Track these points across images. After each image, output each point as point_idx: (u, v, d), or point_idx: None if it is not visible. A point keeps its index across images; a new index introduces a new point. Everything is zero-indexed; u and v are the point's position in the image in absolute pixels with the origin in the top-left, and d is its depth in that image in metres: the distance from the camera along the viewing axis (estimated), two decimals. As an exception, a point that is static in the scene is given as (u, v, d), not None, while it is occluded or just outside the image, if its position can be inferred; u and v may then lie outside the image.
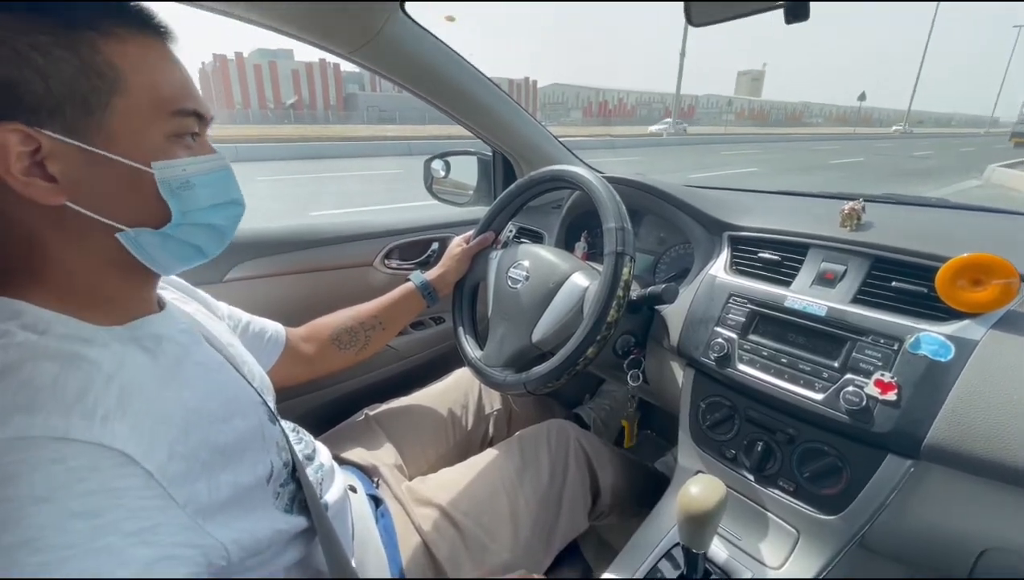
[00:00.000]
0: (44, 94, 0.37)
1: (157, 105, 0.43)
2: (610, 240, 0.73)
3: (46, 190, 0.39)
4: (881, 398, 0.59)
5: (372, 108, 48.68)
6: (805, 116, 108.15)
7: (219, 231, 0.50)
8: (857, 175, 12.17)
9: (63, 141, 0.39)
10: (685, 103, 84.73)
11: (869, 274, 0.69)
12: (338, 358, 0.88)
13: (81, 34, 0.39)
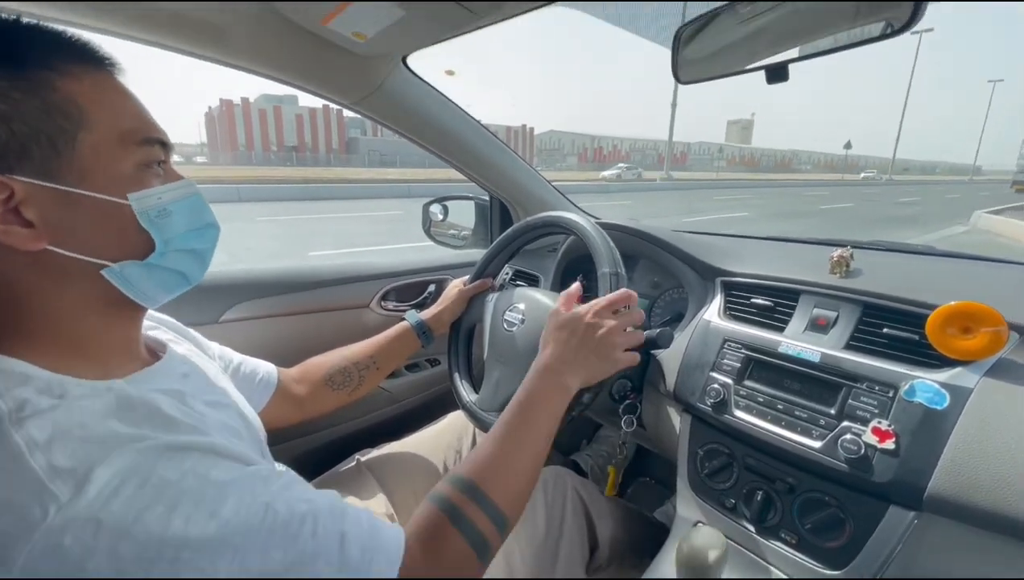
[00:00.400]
0: (8, 139, 0.38)
1: (123, 137, 0.43)
2: (604, 285, 0.74)
3: (25, 236, 0.39)
4: (879, 447, 0.59)
5: (373, 152, 49.96)
6: (794, 163, 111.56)
7: (200, 255, 0.51)
8: (847, 220, 12.44)
9: (35, 184, 0.39)
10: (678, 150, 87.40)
11: (860, 321, 0.69)
12: (330, 399, 0.87)
13: (37, 74, 0.39)
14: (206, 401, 0.51)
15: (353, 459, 0.95)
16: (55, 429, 0.35)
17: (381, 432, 1.12)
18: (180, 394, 0.48)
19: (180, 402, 0.46)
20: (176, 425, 0.41)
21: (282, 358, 0.85)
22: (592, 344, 0.65)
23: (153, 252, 0.46)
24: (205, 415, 0.48)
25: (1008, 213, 11.84)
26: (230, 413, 0.54)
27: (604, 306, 0.67)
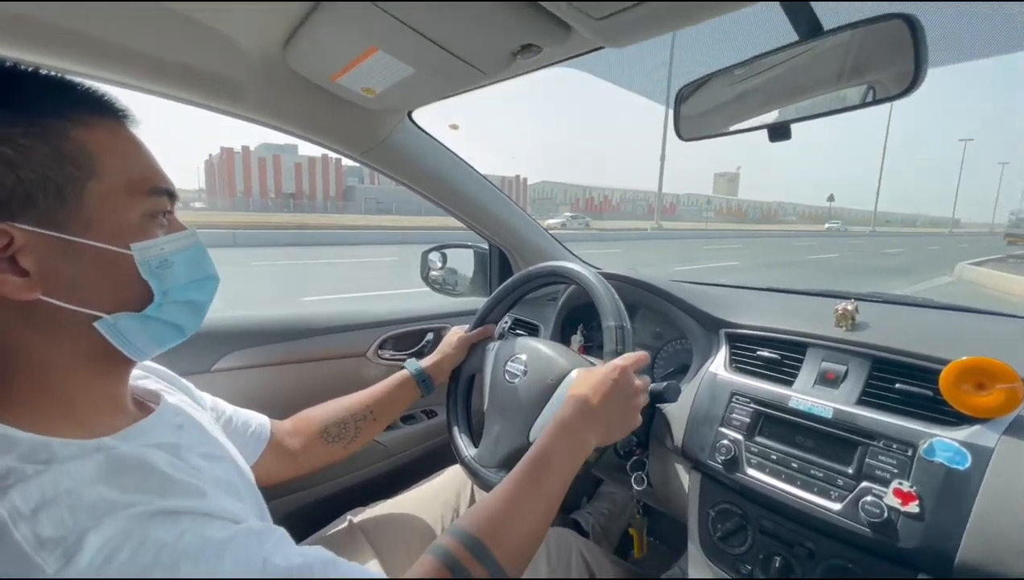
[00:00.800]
0: (14, 186, 0.37)
1: (132, 186, 0.43)
2: (610, 338, 0.73)
3: (19, 286, 0.38)
4: (903, 510, 0.56)
5: (370, 200, 50.88)
6: (780, 214, 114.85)
7: (198, 307, 0.50)
8: (835, 271, 12.67)
9: (37, 232, 0.38)
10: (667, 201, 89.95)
11: (871, 375, 0.68)
12: (325, 453, 0.83)
13: (51, 122, 0.39)
14: (201, 453, 0.49)
15: (344, 519, 0.90)
16: (41, 497, 0.33)
17: (374, 488, 1.07)
18: (175, 447, 0.46)
19: (175, 456, 0.44)
20: (171, 485, 0.39)
21: (276, 409, 0.82)
22: (615, 404, 0.65)
23: (151, 303, 0.45)
24: (201, 470, 0.46)
25: (989, 265, 12.16)
26: (226, 467, 0.52)
27: (630, 365, 0.67)
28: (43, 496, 0.33)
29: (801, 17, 0.52)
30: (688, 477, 0.82)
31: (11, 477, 0.34)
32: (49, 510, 0.33)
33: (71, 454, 0.37)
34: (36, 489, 0.33)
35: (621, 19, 0.52)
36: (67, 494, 0.34)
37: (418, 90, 0.77)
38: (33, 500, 0.33)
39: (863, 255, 18.29)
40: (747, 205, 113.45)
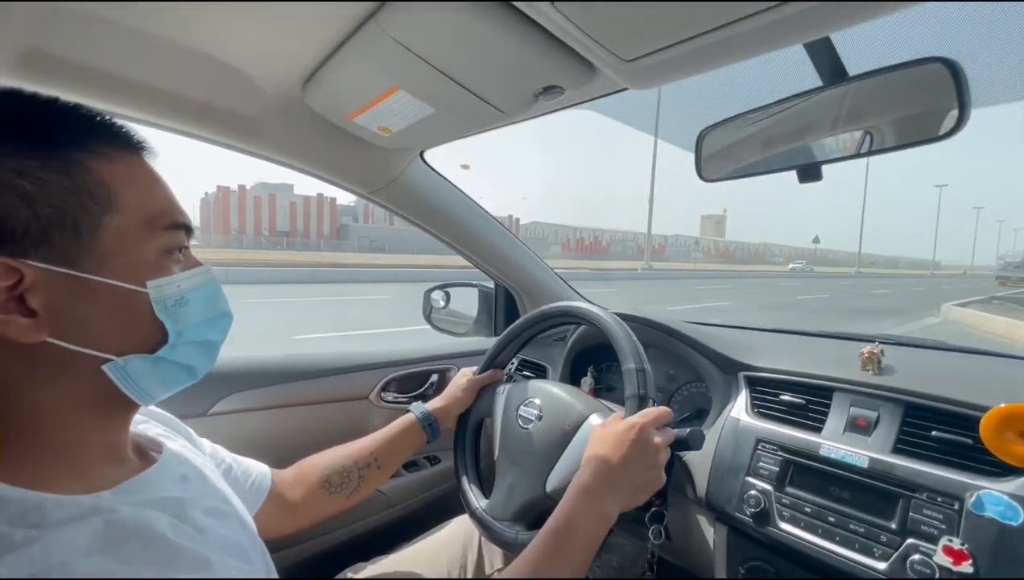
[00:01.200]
0: (29, 221, 0.35)
1: (150, 221, 0.41)
2: (631, 382, 0.70)
3: (25, 327, 0.35)
4: (956, 570, 0.53)
5: (363, 238, 51.24)
6: (767, 255, 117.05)
7: (212, 347, 0.48)
8: (828, 311, 12.80)
9: (50, 269, 0.36)
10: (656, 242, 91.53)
11: (904, 422, 0.66)
12: (326, 504, 0.78)
13: (70, 155, 0.37)
14: (207, 508, 0.46)
15: (345, 577, 0.83)
16: (31, 571, 0.30)
17: (374, 541, 1.00)
18: (179, 503, 0.42)
19: (179, 517, 0.40)
20: (173, 556, 0.35)
21: (276, 456, 0.78)
22: (636, 466, 0.61)
23: (164, 344, 0.42)
24: (206, 531, 0.42)
25: (974, 306, 12.40)
26: (232, 525, 0.48)
27: (649, 422, 0.63)
28: (32, 569, 0.30)
29: (824, 63, 0.52)
30: (712, 531, 0.77)
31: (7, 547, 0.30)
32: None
33: (65, 516, 0.33)
34: (25, 561, 0.30)
35: (649, 61, 0.52)
36: (60, 567, 0.30)
37: (435, 130, 0.77)
38: (23, 572, 0.29)
39: (853, 296, 18.55)
40: (734, 246, 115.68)
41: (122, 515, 0.36)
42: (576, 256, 76.08)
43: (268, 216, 54.96)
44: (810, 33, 0.44)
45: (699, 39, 0.45)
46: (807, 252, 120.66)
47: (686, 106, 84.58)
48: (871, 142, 0.54)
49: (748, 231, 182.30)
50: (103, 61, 0.62)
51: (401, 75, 0.62)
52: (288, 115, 0.77)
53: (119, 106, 0.69)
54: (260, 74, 0.68)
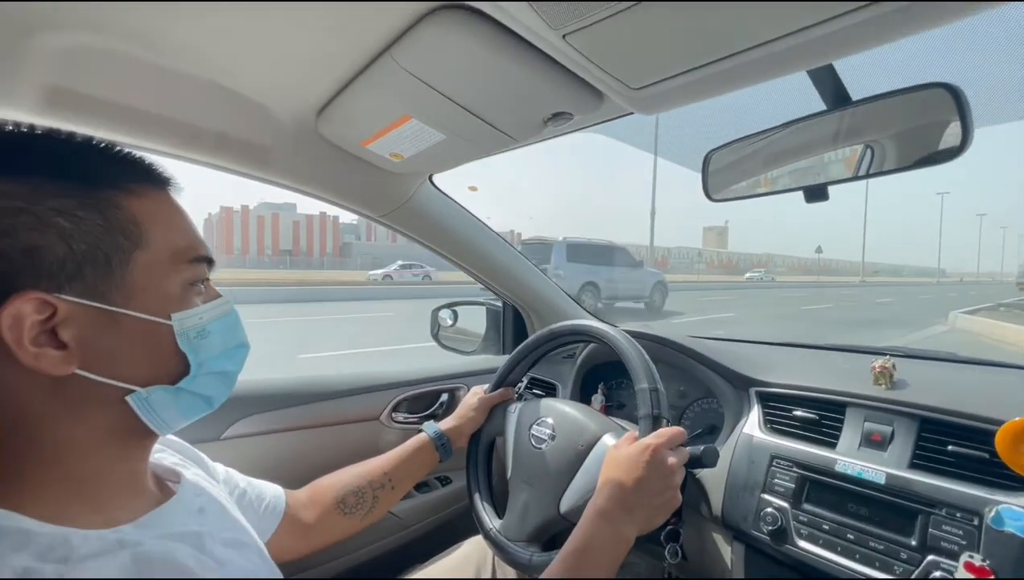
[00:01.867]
0: (65, 257, 0.36)
1: (175, 255, 0.43)
2: (644, 402, 0.70)
3: (56, 360, 0.36)
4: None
5: (366, 256, 51.48)
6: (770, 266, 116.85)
7: (229, 377, 0.49)
8: (833, 322, 12.72)
9: (81, 304, 0.37)
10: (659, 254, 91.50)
11: (920, 437, 0.66)
12: (340, 526, 0.78)
13: (104, 193, 0.39)
14: (225, 540, 0.46)
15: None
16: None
17: (387, 563, 1.00)
18: (198, 537, 0.43)
19: (199, 550, 0.41)
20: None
21: (289, 477, 0.78)
22: (651, 489, 0.61)
23: (186, 375, 0.43)
24: (226, 563, 0.43)
25: (982, 313, 12.31)
26: (250, 555, 0.49)
27: (663, 443, 0.63)
28: None
29: (828, 88, 0.54)
30: (729, 549, 0.77)
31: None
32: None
33: (92, 551, 0.34)
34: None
35: (656, 89, 0.53)
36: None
37: (445, 155, 0.79)
38: None
39: (857, 306, 18.46)
40: (737, 257, 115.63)
41: (148, 548, 0.36)
42: (578, 270, 75.84)
43: (271, 235, 55.33)
44: (814, 61, 0.46)
45: (706, 68, 0.47)
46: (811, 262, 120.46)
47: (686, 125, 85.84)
48: (877, 164, 0.55)
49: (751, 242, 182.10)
50: (123, 96, 0.64)
51: (413, 105, 0.64)
52: (302, 143, 0.79)
53: (137, 138, 0.71)
54: (275, 105, 0.70)
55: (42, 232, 0.36)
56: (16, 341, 0.35)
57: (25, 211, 0.35)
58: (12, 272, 0.35)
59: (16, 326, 0.35)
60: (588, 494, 0.74)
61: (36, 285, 0.36)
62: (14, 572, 0.31)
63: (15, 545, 0.32)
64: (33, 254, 0.35)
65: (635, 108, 0.59)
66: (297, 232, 57.46)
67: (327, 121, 0.73)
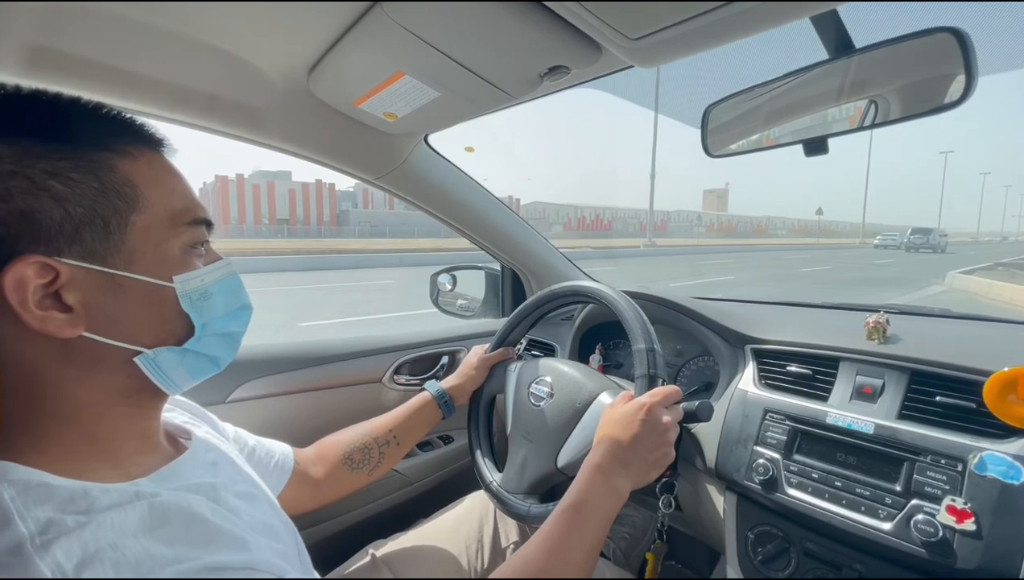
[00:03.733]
0: (62, 221, 0.36)
1: (173, 217, 0.42)
2: (641, 362, 0.71)
3: (63, 322, 0.37)
4: (959, 528, 0.55)
5: (364, 224, 51.01)
6: (770, 228, 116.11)
7: (234, 338, 0.49)
8: (833, 282, 12.76)
9: (82, 267, 0.37)
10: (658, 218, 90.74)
11: (909, 389, 0.67)
12: (348, 480, 0.81)
13: (97, 155, 0.38)
14: (237, 492, 0.48)
15: (366, 552, 0.86)
16: (84, 553, 0.31)
17: (393, 518, 1.04)
18: (212, 488, 0.45)
19: (213, 500, 0.42)
20: (215, 536, 0.37)
21: (294, 438, 0.80)
22: (646, 445, 0.63)
23: (191, 337, 0.44)
24: (239, 513, 0.44)
25: (979, 273, 12.35)
26: (262, 506, 0.51)
27: (658, 401, 0.65)
28: (85, 551, 0.32)
29: (831, 36, 0.52)
30: (722, 499, 0.80)
31: (52, 530, 0.32)
32: (93, 566, 0.31)
33: (111, 502, 0.35)
34: (78, 543, 0.32)
35: (655, 40, 0.52)
36: (110, 548, 0.32)
37: (441, 114, 0.77)
38: (76, 556, 0.31)
39: (856, 266, 18.47)
40: (737, 220, 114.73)
41: (165, 499, 0.37)
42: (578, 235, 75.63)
43: (267, 204, 54.63)
44: (818, 6, 0.45)
45: (706, 16, 0.46)
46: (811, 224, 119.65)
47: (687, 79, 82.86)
48: (878, 113, 0.54)
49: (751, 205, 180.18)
50: (108, 55, 0.62)
51: (406, 60, 0.62)
52: (293, 104, 0.78)
53: (124, 100, 0.70)
54: (265, 64, 0.68)
55: (36, 195, 0.36)
56: (21, 304, 0.35)
57: (17, 174, 0.35)
58: (10, 236, 0.35)
59: (20, 289, 0.35)
60: (584, 450, 0.77)
61: (36, 249, 0.36)
62: (38, 523, 0.32)
63: (38, 498, 0.33)
64: (29, 218, 0.35)
65: (633, 60, 0.57)
66: (293, 200, 56.69)
67: (319, 80, 0.72)
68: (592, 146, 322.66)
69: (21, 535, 0.31)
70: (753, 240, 65.07)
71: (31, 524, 0.32)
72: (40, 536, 0.31)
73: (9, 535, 0.31)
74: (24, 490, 0.34)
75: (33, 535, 0.31)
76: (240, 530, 0.40)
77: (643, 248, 29.53)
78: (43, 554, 0.31)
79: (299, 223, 53.91)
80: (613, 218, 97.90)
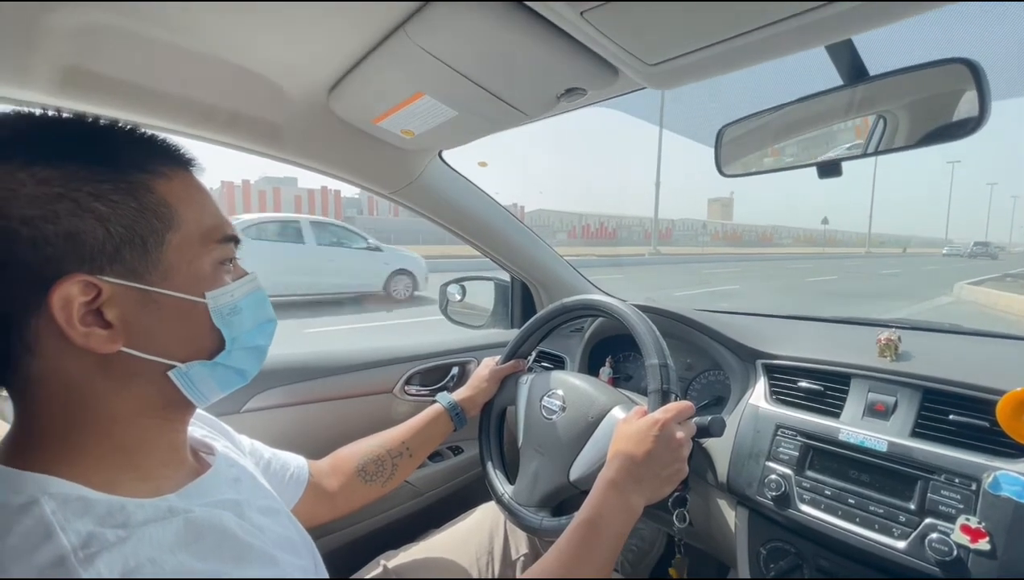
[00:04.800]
0: (104, 240, 0.38)
1: (205, 235, 0.44)
2: (654, 377, 0.72)
3: (104, 338, 0.38)
4: (973, 547, 0.55)
5: (369, 230, 51.26)
6: (775, 237, 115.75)
7: (261, 351, 0.51)
8: (838, 293, 12.70)
9: (123, 285, 0.39)
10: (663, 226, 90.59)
11: (922, 406, 0.68)
12: (362, 492, 0.81)
13: (135, 176, 0.40)
14: (259, 508, 0.49)
15: (378, 564, 0.87)
16: (125, 567, 0.32)
17: (403, 529, 1.04)
18: (237, 505, 0.46)
19: (239, 516, 0.43)
20: (245, 552, 0.38)
21: (307, 448, 0.81)
22: (660, 461, 0.63)
23: (222, 350, 0.45)
24: (264, 529, 0.46)
25: (988, 284, 12.26)
26: (283, 521, 0.52)
27: (671, 417, 0.65)
28: (126, 565, 0.32)
29: (845, 63, 0.54)
30: (734, 514, 0.80)
31: (93, 544, 0.33)
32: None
33: (148, 517, 0.36)
34: (119, 557, 0.33)
35: (672, 65, 0.53)
36: (150, 563, 0.33)
37: (457, 131, 0.79)
38: (118, 570, 0.32)
39: (862, 277, 18.38)
40: (742, 229, 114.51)
41: (198, 515, 0.39)
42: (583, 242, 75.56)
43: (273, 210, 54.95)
44: (833, 36, 0.46)
45: (723, 44, 0.47)
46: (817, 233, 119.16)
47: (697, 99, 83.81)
48: (891, 139, 0.55)
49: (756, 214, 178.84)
50: (137, 75, 0.64)
51: (426, 81, 0.64)
52: (313, 121, 0.79)
53: (151, 117, 0.72)
54: (287, 83, 0.70)
55: (81, 217, 0.37)
56: (67, 321, 0.37)
57: (64, 197, 0.37)
58: (57, 256, 0.36)
59: (66, 308, 0.36)
60: (597, 464, 0.77)
61: (80, 268, 0.37)
62: (79, 537, 0.33)
63: (78, 511, 0.34)
64: (75, 238, 0.37)
65: (650, 84, 0.59)
66: (299, 206, 57.02)
67: (339, 99, 0.73)
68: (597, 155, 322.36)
69: (64, 548, 0.32)
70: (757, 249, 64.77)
71: (73, 538, 0.33)
72: (83, 550, 0.32)
73: (52, 548, 0.32)
74: (64, 503, 0.35)
75: (76, 548, 0.32)
76: (267, 546, 0.41)
77: (648, 256, 29.49)
78: (87, 567, 0.31)
79: (305, 229, 54.02)
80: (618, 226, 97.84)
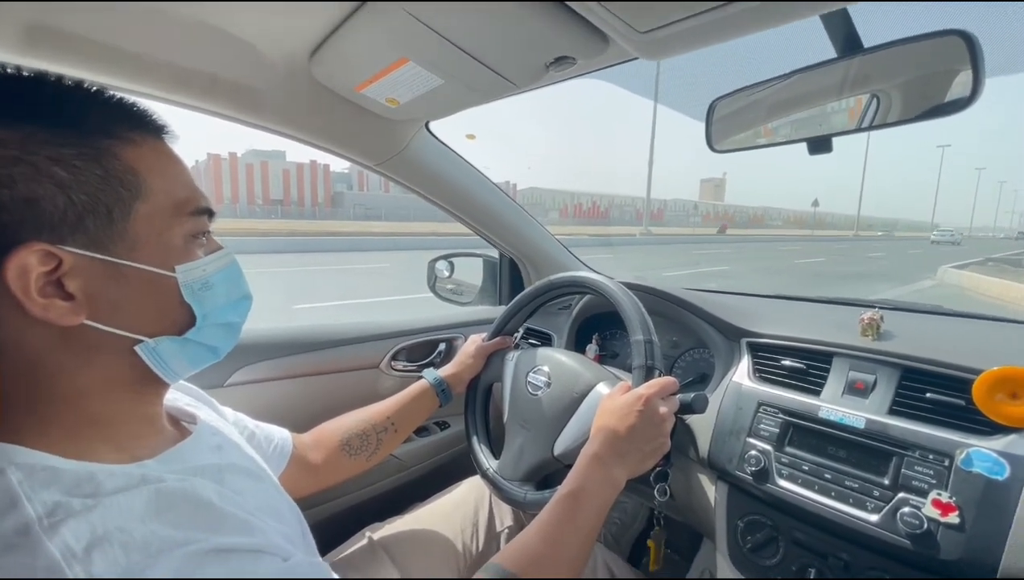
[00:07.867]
0: (66, 208, 0.36)
1: (176, 207, 0.42)
2: (639, 353, 0.72)
3: (65, 310, 0.37)
4: (943, 521, 0.56)
5: (358, 206, 50.58)
6: (766, 219, 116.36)
7: (234, 328, 0.50)
8: (823, 275, 12.85)
9: (86, 255, 0.37)
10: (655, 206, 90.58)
11: (900, 385, 0.69)
12: (346, 466, 0.82)
13: (100, 142, 0.38)
14: (243, 472, 0.49)
15: (363, 535, 0.88)
16: (92, 535, 0.32)
17: (389, 502, 1.05)
18: (217, 470, 0.45)
19: (219, 482, 0.43)
20: (221, 520, 0.38)
21: (292, 423, 0.81)
22: (643, 436, 0.64)
23: (192, 326, 0.44)
24: (244, 494, 0.45)
25: (971, 268, 12.49)
26: (267, 487, 0.51)
27: (655, 393, 0.66)
28: (94, 534, 0.32)
29: (839, 34, 0.52)
30: (713, 488, 0.81)
31: (59, 512, 0.32)
32: (102, 548, 0.32)
33: (118, 486, 0.36)
34: (86, 526, 0.32)
35: (663, 33, 0.52)
36: (118, 531, 0.33)
37: (444, 101, 0.76)
38: (84, 538, 0.32)
39: (848, 260, 18.61)
40: (733, 210, 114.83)
41: (170, 485, 0.38)
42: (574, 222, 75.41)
43: (261, 184, 53.95)
44: (828, 5, 0.44)
45: (715, 11, 0.45)
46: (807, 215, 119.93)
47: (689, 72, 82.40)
48: (883, 114, 0.54)
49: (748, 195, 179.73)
50: (107, 34, 0.61)
51: (411, 46, 0.62)
52: (294, 87, 0.76)
53: (124, 80, 0.69)
54: (267, 46, 0.67)
55: (40, 182, 0.35)
56: (23, 292, 0.35)
57: (21, 160, 0.35)
58: (14, 223, 0.35)
59: (22, 277, 0.35)
60: (581, 438, 0.78)
61: (39, 236, 0.35)
62: (45, 506, 0.32)
63: (44, 481, 0.34)
64: (33, 205, 0.35)
65: (640, 53, 0.57)
66: (287, 181, 56.01)
67: (320, 63, 0.71)
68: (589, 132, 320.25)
69: (29, 517, 0.32)
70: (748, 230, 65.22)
71: (38, 506, 0.32)
72: (48, 518, 0.32)
73: (16, 517, 0.32)
74: (31, 473, 0.34)
75: (41, 517, 0.32)
76: (247, 513, 0.40)
77: (639, 236, 29.57)
78: (52, 535, 0.31)
79: (293, 204, 53.36)
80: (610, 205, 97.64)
